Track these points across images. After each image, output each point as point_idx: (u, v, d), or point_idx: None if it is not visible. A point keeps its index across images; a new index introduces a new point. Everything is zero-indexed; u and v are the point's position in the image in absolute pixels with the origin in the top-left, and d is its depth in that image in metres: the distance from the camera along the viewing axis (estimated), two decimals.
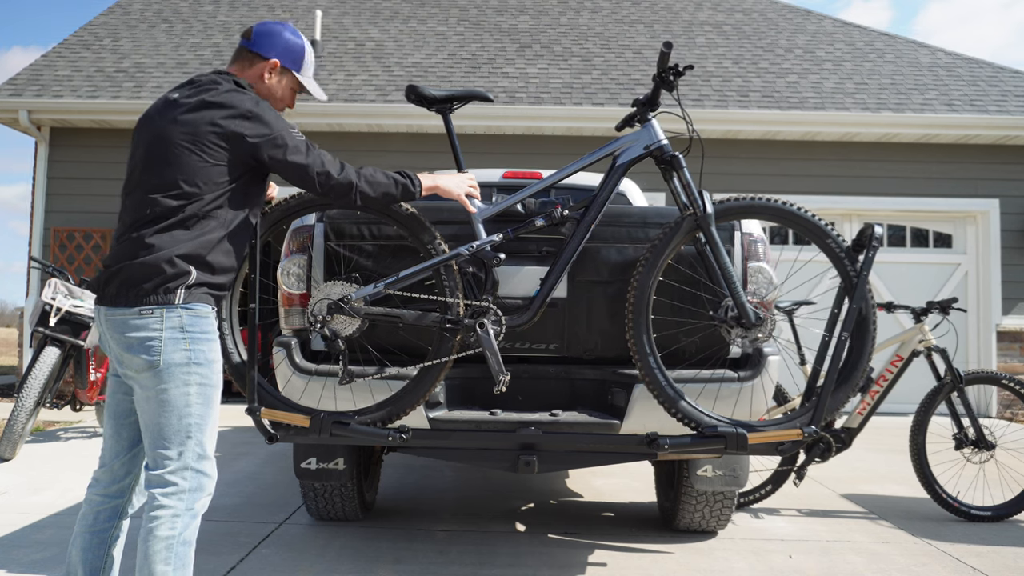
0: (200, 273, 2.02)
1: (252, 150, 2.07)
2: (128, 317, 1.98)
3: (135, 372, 2.00)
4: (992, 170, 8.63)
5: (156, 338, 1.96)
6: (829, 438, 2.65)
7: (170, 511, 1.95)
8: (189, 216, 2.01)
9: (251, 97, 2.13)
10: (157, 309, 1.97)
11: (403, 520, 3.76)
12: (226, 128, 2.04)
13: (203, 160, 2.03)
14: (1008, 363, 8.42)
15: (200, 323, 2.03)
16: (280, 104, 2.32)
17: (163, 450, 1.98)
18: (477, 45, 9.98)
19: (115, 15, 10.49)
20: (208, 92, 2.09)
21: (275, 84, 2.28)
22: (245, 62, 2.26)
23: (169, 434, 1.98)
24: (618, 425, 2.72)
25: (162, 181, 2.04)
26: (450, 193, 2.53)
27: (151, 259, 1.97)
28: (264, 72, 2.25)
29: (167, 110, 2.11)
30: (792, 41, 10.32)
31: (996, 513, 3.94)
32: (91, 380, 5.56)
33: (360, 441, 2.67)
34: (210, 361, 2.05)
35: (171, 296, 1.98)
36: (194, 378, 2.00)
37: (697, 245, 2.73)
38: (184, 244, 2.00)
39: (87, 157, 8.57)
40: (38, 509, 3.79)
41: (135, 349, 1.97)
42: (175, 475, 1.98)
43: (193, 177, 2.02)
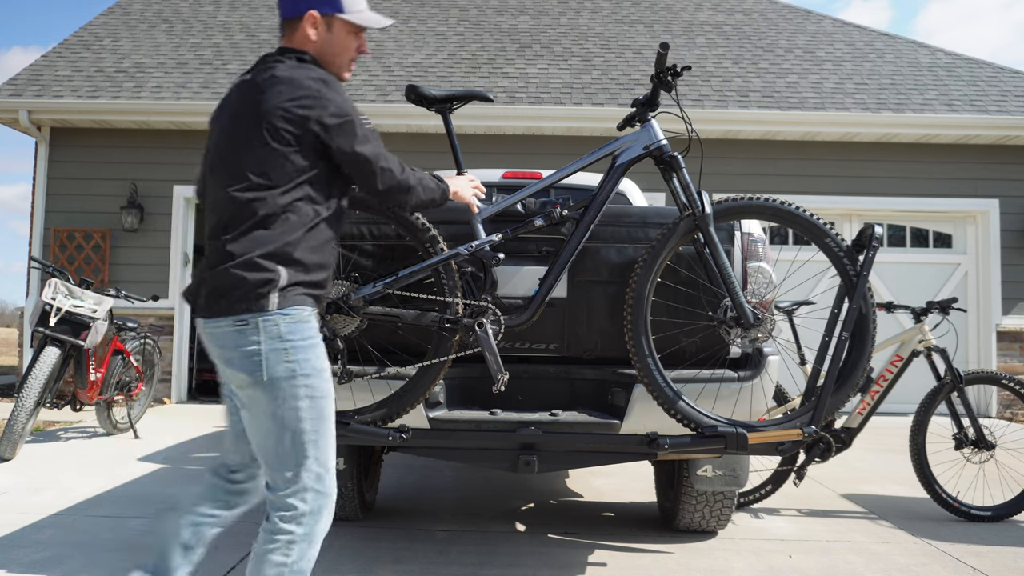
0: (291, 273, 1.83)
1: (318, 134, 1.86)
2: (222, 330, 1.82)
3: (238, 388, 1.86)
4: (992, 170, 8.63)
5: (255, 351, 1.79)
6: (829, 438, 2.65)
7: (286, 537, 1.80)
8: (267, 213, 1.82)
9: (317, 75, 1.90)
10: (251, 318, 1.79)
11: (403, 520, 3.76)
12: (292, 110, 1.84)
13: (272, 147, 1.84)
14: (1008, 363, 8.42)
15: (300, 329, 1.83)
16: (345, 57, 2.03)
17: (279, 471, 1.83)
18: (477, 45, 9.98)
19: (115, 15, 10.49)
20: (272, 70, 1.89)
21: (326, 39, 1.98)
22: (289, 32, 2.00)
23: (283, 454, 1.82)
24: (618, 425, 2.72)
25: (232, 175, 1.86)
26: (462, 197, 2.46)
27: (234, 265, 1.80)
28: (307, 31, 1.97)
29: (235, 95, 1.93)
30: (792, 41, 10.32)
31: (996, 513, 3.94)
32: (91, 380, 5.55)
33: (360, 441, 2.67)
34: (317, 370, 1.85)
35: (264, 302, 1.79)
36: (302, 391, 1.82)
37: (696, 245, 2.73)
38: (266, 244, 1.81)
39: (87, 157, 8.57)
40: (38, 509, 3.79)
41: (235, 364, 1.83)
42: (294, 498, 1.82)
43: (263, 167, 1.83)
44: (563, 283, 2.82)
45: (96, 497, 4.08)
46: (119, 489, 4.28)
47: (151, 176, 8.52)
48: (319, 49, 1.98)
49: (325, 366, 1.88)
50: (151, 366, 6.60)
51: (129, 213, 8.32)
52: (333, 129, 1.86)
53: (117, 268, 8.42)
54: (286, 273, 1.82)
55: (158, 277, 8.39)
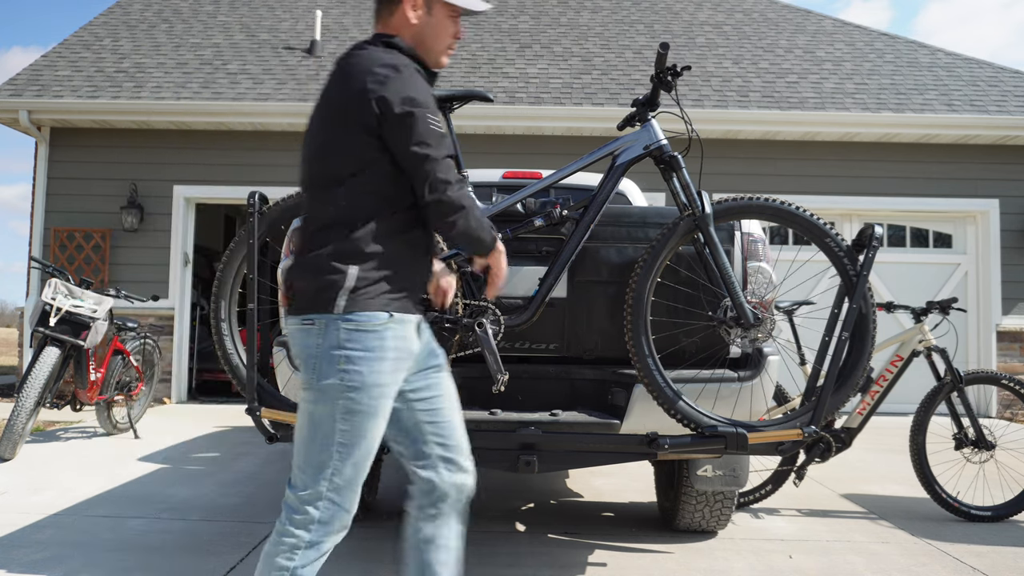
0: (363, 274, 1.73)
1: (379, 124, 1.73)
2: (292, 328, 1.79)
3: (301, 386, 1.80)
4: (992, 170, 8.63)
5: (313, 354, 1.74)
6: (829, 438, 2.65)
7: (292, 540, 1.75)
8: (338, 208, 1.75)
9: (392, 61, 1.77)
10: (317, 319, 1.73)
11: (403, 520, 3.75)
12: (359, 97, 1.73)
13: (343, 138, 1.75)
14: (1008, 363, 8.42)
15: (362, 337, 1.72)
16: (443, 42, 1.93)
17: (302, 472, 1.77)
18: (477, 45, 9.98)
19: (115, 15, 10.49)
20: (353, 56, 1.81)
21: (426, 22, 1.88)
22: (384, 14, 1.88)
23: (311, 457, 1.76)
24: (618, 425, 2.72)
25: (313, 168, 1.81)
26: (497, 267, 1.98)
27: (305, 263, 1.76)
28: (407, 13, 1.85)
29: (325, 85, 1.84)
30: (792, 41, 10.32)
31: (996, 513, 3.94)
32: (91, 380, 5.56)
33: None
34: (368, 385, 1.73)
35: (330, 304, 1.71)
36: (344, 403, 1.73)
37: (696, 245, 2.73)
38: (337, 241, 1.73)
39: (87, 157, 8.57)
40: (38, 509, 3.79)
41: (298, 363, 1.79)
42: (309, 503, 1.76)
43: (334, 159, 1.76)
44: (563, 283, 2.82)
45: (96, 497, 4.08)
46: (119, 489, 4.28)
47: (151, 176, 8.52)
48: (417, 33, 1.87)
49: (381, 382, 1.75)
50: (151, 366, 6.60)
51: (129, 213, 8.32)
52: (392, 119, 1.73)
53: (117, 268, 8.42)
54: (356, 274, 1.72)
55: (158, 277, 8.39)
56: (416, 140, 1.73)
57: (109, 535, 3.41)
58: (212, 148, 8.61)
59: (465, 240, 1.85)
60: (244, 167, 8.52)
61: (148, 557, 3.13)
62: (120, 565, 3.02)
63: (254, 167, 8.49)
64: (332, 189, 1.77)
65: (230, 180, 8.49)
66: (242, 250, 2.71)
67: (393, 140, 1.74)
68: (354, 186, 1.75)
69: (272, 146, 8.59)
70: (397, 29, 1.87)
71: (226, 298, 2.75)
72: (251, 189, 2.73)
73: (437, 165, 1.75)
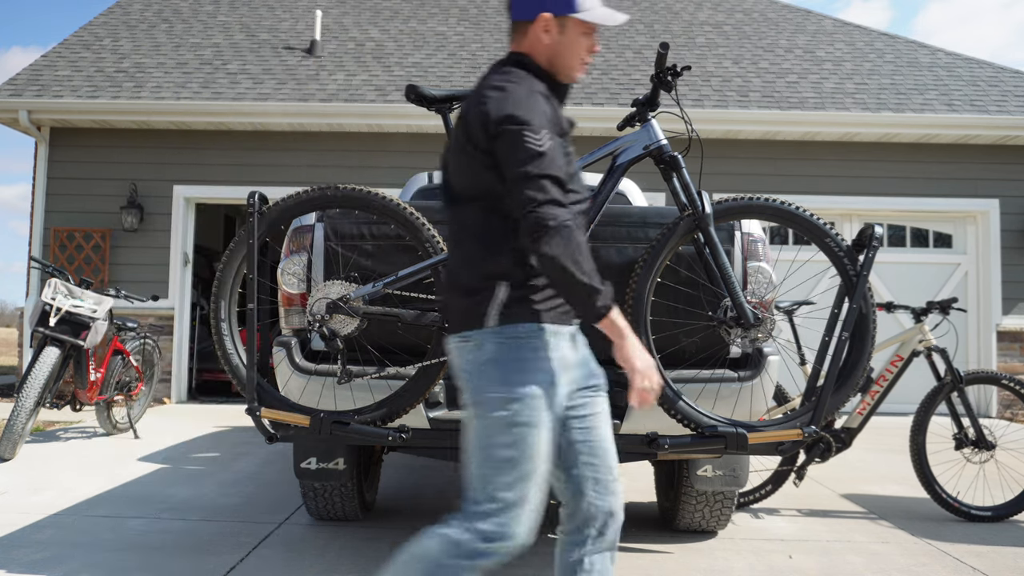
0: (509, 288, 1.72)
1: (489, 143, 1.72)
2: (452, 347, 1.81)
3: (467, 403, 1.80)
4: (992, 170, 8.63)
5: (470, 369, 1.75)
6: (829, 438, 2.66)
7: (450, 538, 1.71)
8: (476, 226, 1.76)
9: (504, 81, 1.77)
10: (472, 335, 1.73)
11: (403, 520, 3.76)
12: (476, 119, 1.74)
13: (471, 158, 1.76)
14: (1008, 363, 8.42)
15: (517, 350, 1.71)
16: (577, 58, 1.87)
17: (471, 488, 1.77)
18: (477, 45, 9.98)
19: (115, 15, 10.49)
20: (484, 78, 1.83)
21: (559, 41, 1.84)
22: (518, 36, 1.87)
23: (478, 471, 1.75)
24: (618, 425, 2.72)
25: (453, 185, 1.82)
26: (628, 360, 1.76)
27: (454, 282, 1.79)
28: (539, 35, 1.83)
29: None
30: (792, 41, 10.32)
31: (996, 513, 3.93)
32: (91, 380, 5.55)
33: (360, 441, 2.67)
34: (529, 395, 1.70)
35: (481, 320, 1.71)
36: (506, 416, 1.70)
37: (696, 245, 2.73)
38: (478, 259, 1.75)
39: (87, 157, 8.57)
40: (38, 509, 3.79)
41: (460, 380, 1.80)
42: (473, 516, 1.73)
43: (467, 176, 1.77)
44: None
45: (96, 497, 4.08)
46: (119, 489, 4.28)
47: (151, 176, 8.52)
48: (551, 52, 1.85)
49: (538, 393, 1.71)
50: (151, 366, 6.60)
51: (129, 213, 8.32)
52: (493, 138, 1.71)
53: (117, 268, 8.42)
54: (505, 288, 1.72)
55: (158, 277, 8.39)
56: (510, 158, 1.69)
57: (109, 535, 3.41)
58: (212, 148, 8.61)
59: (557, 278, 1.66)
60: (244, 167, 8.52)
61: (148, 557, 3.12)
62: (120, 565, 3.02)
63: (254, 167, 8.49)
64: (471, 206, 1.78)
65: (230, 180, 8.49)
66: (242, 250, 2.72)
67: (498, 159, 1.72)
68: (489, 204, 1.75)
69: (272, 146, 8.59)
70: (530, 48, 1.86)
71: (226, 298, 2.75)
72: (251, 189, 2.73)
73: (528, 183, 1.66)
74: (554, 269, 1.64)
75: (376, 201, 2.66)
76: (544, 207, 1.63)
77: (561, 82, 1.88)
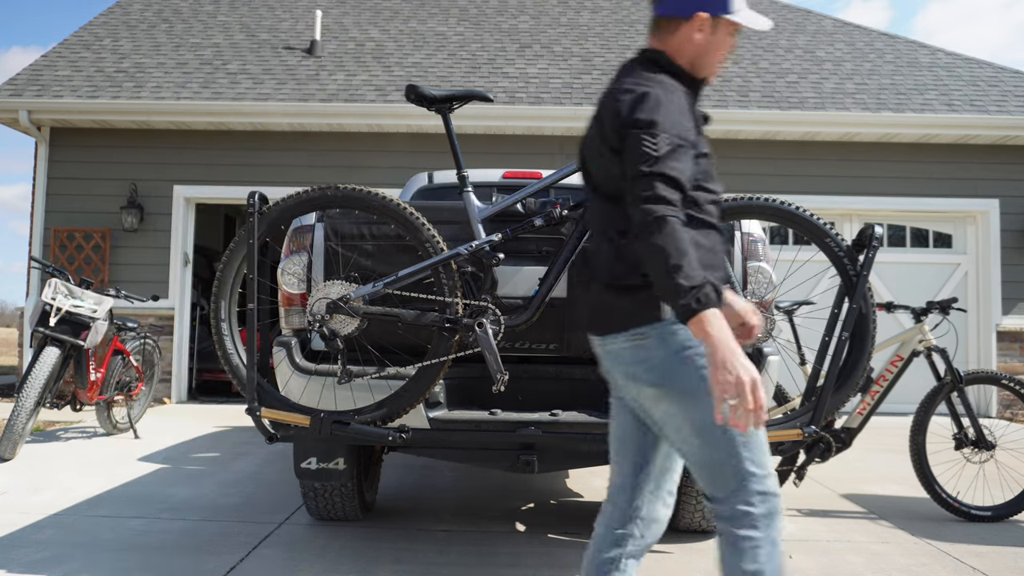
0: None
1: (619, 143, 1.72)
2: (619, 346, 1.76)
3: (649, 402, 1.77)
4: (992, 170, 8.63)
5: (660, 363, 1.71)
6: (829, 438, 2.66)
7: (750, 543, 1.70)
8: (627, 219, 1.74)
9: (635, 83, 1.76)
10: (648, 330, 1.71)
11: (403, 520, 3.76)
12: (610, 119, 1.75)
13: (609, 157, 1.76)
14: (1008, 363, 8.42)
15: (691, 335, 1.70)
16: (720, 58, 1.87)
17: (717, 480, 1.73)
18: (477, 45, 9.98)
19: (115, 15, 10.49)
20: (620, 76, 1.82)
21: (709, 41, 1.83)
22: (664, 32, 1.85)
23: (717, 462, 1.72)
24: None
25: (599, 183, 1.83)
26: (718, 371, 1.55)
27: (617, 280, 1.77)
28: (692, 34, 1.82)
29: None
30: (792, 41, 10.32)
31: (996, 513, 3.93)
32: (91, 380, 5.55)
33: (360, 441, 2.67)
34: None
35: (657, 312, 1.71)
36: (705, 394, 1.69)
37: None
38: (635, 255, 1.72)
39: (87, 157, 8.57)
40: (38, 509, 3.79)
41: (641, 379, 1.75)
42: (742, 504, 1.71)
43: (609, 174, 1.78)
44: (563, 283, 2.82)
45: (96, 497, 4.08)
46: (119, 489, 4.28)
47: (151, 176, 8.52)
48: (699, 51, 1.83)
49: None
50: (151, 366, 6.60)
51: (129, 213, 8.32)
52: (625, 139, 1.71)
53: (117, 268, 8.42)
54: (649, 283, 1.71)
55: (158, 277, 8.39)
56: (630, 158, 1.68)
57: (109, 535, 3.41)
58: (212, 148, 8.61)
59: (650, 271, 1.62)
60: (244, 167, 8.52)
61: (148, 557, 3.13)
62: (120, 565, 3.02)
63: (254, 167, 8.49)
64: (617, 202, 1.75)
65: (230, 180, 8.49)
66: (242, 250, 2.72)
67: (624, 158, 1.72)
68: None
69: (272, 146, 8.59)
70: (676, 46, 1.84)
71: (226, 298, 2.75)
72: (251, 189, 2.73)
73: (640, 180, 1.65)
74: (650, 260, 1.60)
75: (376, 201, 2.66)
76: (649, 203, 1.62)
77: (699, 81, 1.88)
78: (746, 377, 1.50)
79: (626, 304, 1.73)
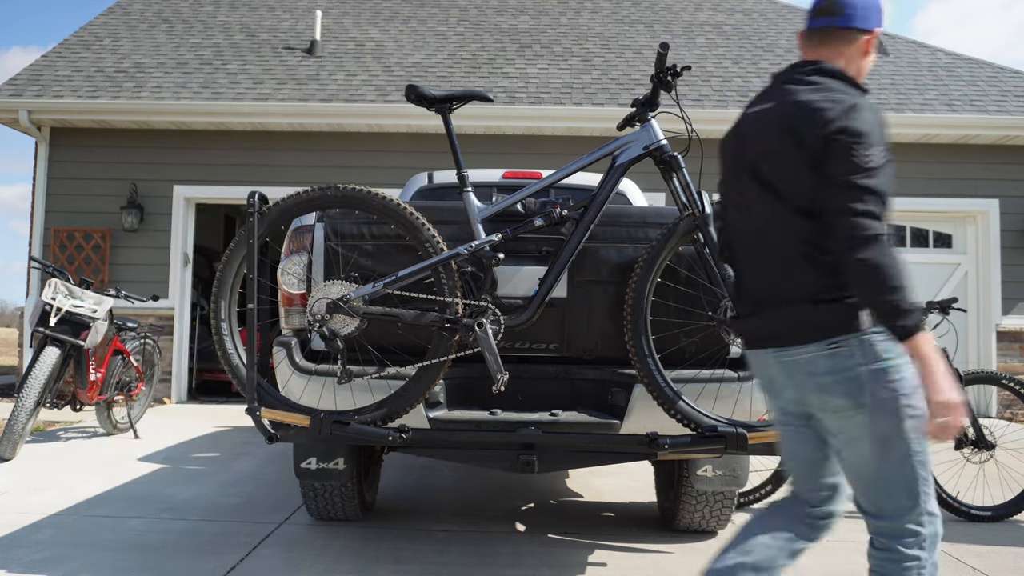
0: None
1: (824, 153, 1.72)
2: (810, 356, 1.76)
3: (832, 413, 1.78)
4: (992, 170, 8.63)
5: (856, 374, 1.72)
6: None
7: (915, 564, 1.74)
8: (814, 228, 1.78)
9: (846, 93, 1.78)
10: (845, 340, 1.73)
11: (403, 520, 3.76)
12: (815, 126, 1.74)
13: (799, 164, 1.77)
14: (1008, 363, 8.41)
15: (894, 346, 1.71)
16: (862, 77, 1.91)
17: (888, 497, 1.77)
18: (477, 45, 9.98)
19: (115, 15, 10.49)
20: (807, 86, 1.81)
21: (869, 57, 1.89)
22: (840, 43, 1.85)
23: (893, 479, 1.75)
24: (618, 425, 2.72)
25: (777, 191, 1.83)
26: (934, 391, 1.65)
27: (812, 289, 1.78)
28: (867, 47, 1.86)
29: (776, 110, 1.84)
30: (792, 41, 10.31)
31: (996, 513, 3.94)
32: (91, 380, 5.56)
33: (360, 441, 2.67)
34: (915, 388, 1.72)
35: (857, 322, 1.73)
36: (907, 410, 1.72)
37: (696, 245, 2.73)
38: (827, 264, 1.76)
39: (87, 157, 8.57)
40: (38, 509, 3.79)
41: (831, 390, 1.76)
42: (913, 523, 1.75)
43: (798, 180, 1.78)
44: (563, 283, 2.82)
45: (96, 497, 4.08)
46: (119, 489, 4.28)
47: (151, 176, 8.52)
48: (865, 63, 1.88)
49: (918, 383, 1.71)
50: (151, 366, 6.60)
51: (129, 213, 8.32)
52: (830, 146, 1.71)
53: (117, 268, 8.42)
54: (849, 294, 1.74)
55: (158, 277, 8.39)
56: (839, 167, 1.69)
57: (109, 535, 3.41)
58: (212, 148, 8.61)
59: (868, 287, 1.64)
60: (244, 167, 8.52)
61: (148, 557, 3.13)
62: (120, 565, 3.02)
63: (254, 167, 8.49)
64: (802, 211, 1.76)
65: (230, 180, 8.49)
66: (242, 250, 2.72)
67: (826, 166, 1.72)
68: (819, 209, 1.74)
69: (272, 146, 8.59)
70: (848, 58, 1.86)
71: (226, 298, 2.75)
72: (251, 189, 2.73)
73: (850, 192, 1.67)
74: (867, 277, 1.63)
75: (376, 201, 2.66)
76: (861, 217, 1.64)
77: (865, 92, 1.89)
78: (956, 398, 1.61)
79: (823, 315, 1.74)
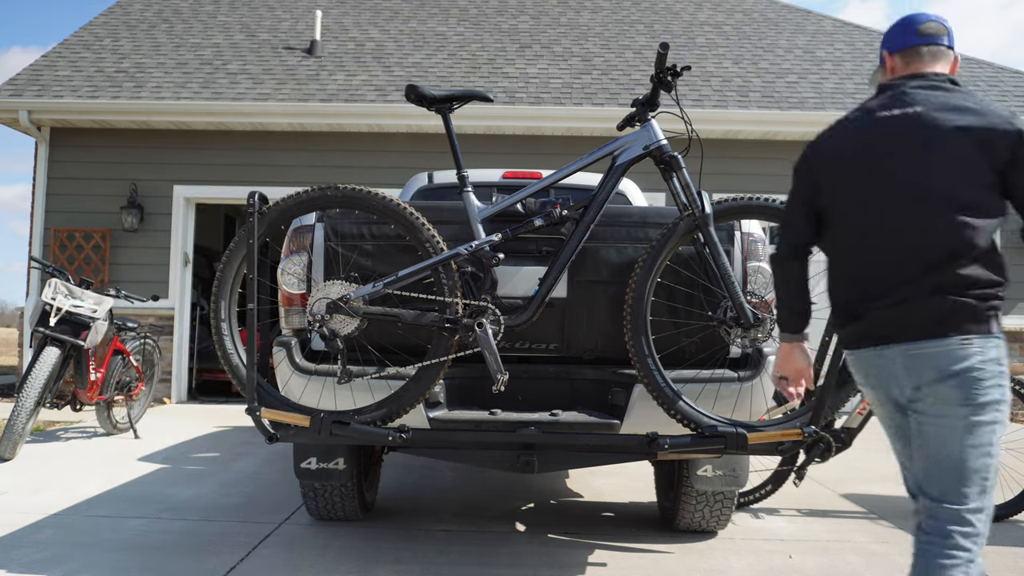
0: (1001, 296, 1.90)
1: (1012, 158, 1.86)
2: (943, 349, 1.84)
3: (942, 403, 1.85)
4: None
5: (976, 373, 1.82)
6: (829, 438, 2.65)
7: (966, 556, 1.81)
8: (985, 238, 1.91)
9: None
10: (977, 340, 1.83)
11: (403, 520, 3.76)
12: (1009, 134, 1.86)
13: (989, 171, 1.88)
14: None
15: (1004, 355, 1.87)
16: None
17: (964, 487, 1.85)
18: (477, 45, 9.98)
19: (115, 15, 10.49)
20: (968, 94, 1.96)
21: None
22: (946, 62, 2.06)
23: (972, 471, 1.84)
24: (618, 425, 2.72)
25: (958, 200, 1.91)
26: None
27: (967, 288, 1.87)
28: (957, 61, 2.10)
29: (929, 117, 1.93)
30: (792, 41, 10.32)
31: (996, 513, 3.92)
32: (91, 380, 5.55)
33: (360, 441, 2.67)
34: (1008, 399, 1.87)
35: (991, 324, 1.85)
36: (999, 415, 1.84)
37: (696, 245, 2.73)
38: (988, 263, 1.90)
39: (87, 157, 8.57)
40: (38, 509, 3.79)
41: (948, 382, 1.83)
42: (973, 515, 1.84)
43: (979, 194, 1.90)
44: (563, 283, 2.82)
45: (96, 497, 4.08)
46: (119, 489, 4.28)
47: (151, 176, 8.52)
48: None
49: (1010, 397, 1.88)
50: (151, 366, 6.60)
51: (129, 213, 8.32)
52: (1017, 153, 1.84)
53: (117, 268, 8.42)
54: (1000, 298, 1.86)
55: (158, 277, 8.39)
56: None
57: (109, 535, 3.41)
58: (212, 148, 8.61)
59: None
60: (244, 167, 8.52)
61: (148, 557, 3.13)
62: (120, 565, 3.02)
63: (254, 167, 8.49)
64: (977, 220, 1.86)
65: (230, 180, 8.49)
66: (242, 250, 2.72)
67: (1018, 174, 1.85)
68: (991, 218, 1.88)
69: (272, 146, 8.60)
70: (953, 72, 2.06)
71: (226, 298, 2.75)
72: (251, 189, 2.74)
73: None
74: None
75: (376, 201, 2.66)
76: None
77: None
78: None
79: (968, 311, 1.83)
